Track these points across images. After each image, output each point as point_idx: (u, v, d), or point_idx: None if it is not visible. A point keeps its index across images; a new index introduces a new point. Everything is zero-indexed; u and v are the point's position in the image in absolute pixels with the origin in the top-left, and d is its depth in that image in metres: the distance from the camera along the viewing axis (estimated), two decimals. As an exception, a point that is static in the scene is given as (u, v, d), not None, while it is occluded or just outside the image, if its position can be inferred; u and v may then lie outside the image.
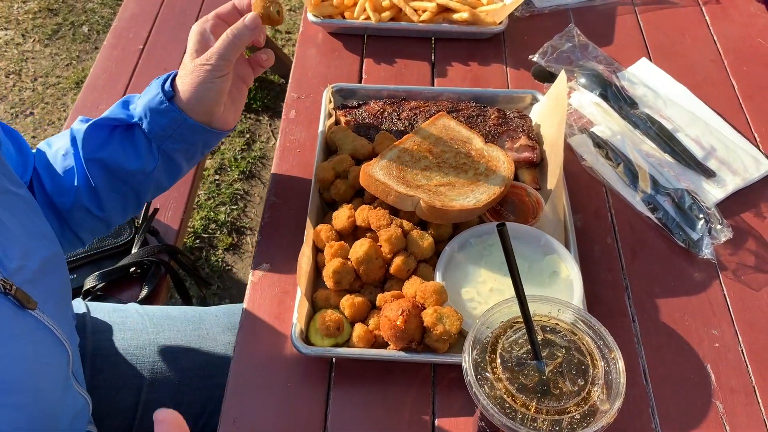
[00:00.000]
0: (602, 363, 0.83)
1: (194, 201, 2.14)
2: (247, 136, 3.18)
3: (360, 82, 1.51)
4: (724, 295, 1.16)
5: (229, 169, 3.06)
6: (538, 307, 0.87)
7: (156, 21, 2.48)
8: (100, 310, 1.39)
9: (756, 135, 1.41)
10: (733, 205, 1.29)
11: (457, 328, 0.99)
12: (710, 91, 1.49)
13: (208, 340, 1.36)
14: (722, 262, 1.20)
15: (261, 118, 3.26)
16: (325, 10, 1.56)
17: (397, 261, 1.08)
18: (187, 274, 1.90)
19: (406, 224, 1.14)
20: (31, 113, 3.27)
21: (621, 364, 0.82)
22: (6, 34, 3.64)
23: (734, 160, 1.34)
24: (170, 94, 1.05)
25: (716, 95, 1.48)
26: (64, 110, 3.26)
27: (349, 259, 1.09)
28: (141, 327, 1.35)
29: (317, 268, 1.15)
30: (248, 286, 1.16)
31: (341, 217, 1.14)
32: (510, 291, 1.03)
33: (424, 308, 1.02)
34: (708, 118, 1.42)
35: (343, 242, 1.12)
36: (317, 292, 1.10)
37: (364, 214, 1.13)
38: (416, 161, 1.19)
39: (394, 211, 1.17)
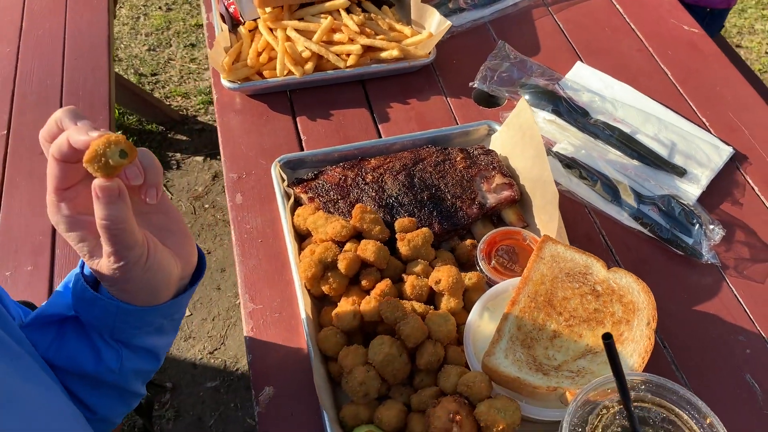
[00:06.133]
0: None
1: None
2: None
3: (300, 144, 1.37)
4: (736, 296, 1.16)
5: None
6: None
7: (14, 100, 2.20)
8: None
9: (704, 120, 1.42)
10: (707, 198, 1.29)
11: (518, 418, 0.90)
12: (647, 83, 1.49)
13: None
14: (722, 261, 1.20)
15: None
16: (241, 72, 1.40)
17: (426, 355, 0.97)
18: None
19: (418, 306, 1.03)
20: None
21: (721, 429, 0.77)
22: None
23: (696, 151, 1.34)
24: (93, 278, 0.78)
25: (654, 86, 1.48)
26: None
27: (370, 363, 0.97)
28: None
29: (331, 378, 1.02)
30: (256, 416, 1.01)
31: (346, 315, 1.02)
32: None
33: (473, 405, 0.92)
34: (658, 112, 1.41)
35: (357, 345, 1.00)
36: (344, 410, 0.97)
37: (373, 308, 1.01)
38: (540, 328, 0.97)
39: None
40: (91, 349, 0.80)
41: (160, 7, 3.76)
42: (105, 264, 0.70)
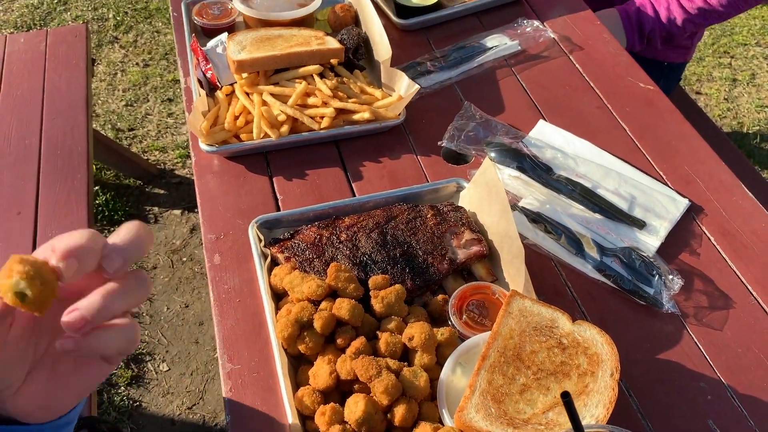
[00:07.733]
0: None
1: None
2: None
3: (277, 204, 1.42)
4: (696, 344, 1.21)
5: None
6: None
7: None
8: None
9: (661, 173, 1.50)
10: (666, 249, 1.35)
11: (492, 471, 0.93)
12: (607, 139, 1.57)
13: None
14: (682, 310, 1.25)
15: (128, 229, 3.00)
16: (219, 136, 1.46)
17: (401, 412, 1.00)
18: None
19: (392, 363, 1.07)
20: None
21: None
22: None
23: (655, 204, 1.40)
24: None
25: (613, 142, 1.56)
26: None
27: (346, 422, 1.00)
28: None
29: (309, 437, 1.05)
30: (236, 478, 1.03)
31: (322, 375, 1.05)
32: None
33: (449, 458, 0.95)
34: (618, 167, 1.48)
35: (333, 404, 1.03)
36: (322, 469, 1.00)
37: (348, 367, 1.04)
38: (510, 381, 1.02)
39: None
40: None
41: (137, 63, 3.83)
42: None
